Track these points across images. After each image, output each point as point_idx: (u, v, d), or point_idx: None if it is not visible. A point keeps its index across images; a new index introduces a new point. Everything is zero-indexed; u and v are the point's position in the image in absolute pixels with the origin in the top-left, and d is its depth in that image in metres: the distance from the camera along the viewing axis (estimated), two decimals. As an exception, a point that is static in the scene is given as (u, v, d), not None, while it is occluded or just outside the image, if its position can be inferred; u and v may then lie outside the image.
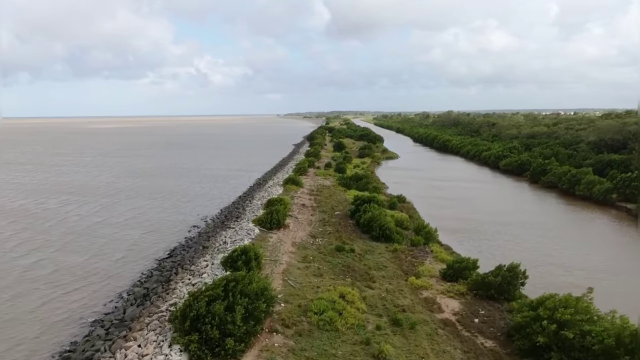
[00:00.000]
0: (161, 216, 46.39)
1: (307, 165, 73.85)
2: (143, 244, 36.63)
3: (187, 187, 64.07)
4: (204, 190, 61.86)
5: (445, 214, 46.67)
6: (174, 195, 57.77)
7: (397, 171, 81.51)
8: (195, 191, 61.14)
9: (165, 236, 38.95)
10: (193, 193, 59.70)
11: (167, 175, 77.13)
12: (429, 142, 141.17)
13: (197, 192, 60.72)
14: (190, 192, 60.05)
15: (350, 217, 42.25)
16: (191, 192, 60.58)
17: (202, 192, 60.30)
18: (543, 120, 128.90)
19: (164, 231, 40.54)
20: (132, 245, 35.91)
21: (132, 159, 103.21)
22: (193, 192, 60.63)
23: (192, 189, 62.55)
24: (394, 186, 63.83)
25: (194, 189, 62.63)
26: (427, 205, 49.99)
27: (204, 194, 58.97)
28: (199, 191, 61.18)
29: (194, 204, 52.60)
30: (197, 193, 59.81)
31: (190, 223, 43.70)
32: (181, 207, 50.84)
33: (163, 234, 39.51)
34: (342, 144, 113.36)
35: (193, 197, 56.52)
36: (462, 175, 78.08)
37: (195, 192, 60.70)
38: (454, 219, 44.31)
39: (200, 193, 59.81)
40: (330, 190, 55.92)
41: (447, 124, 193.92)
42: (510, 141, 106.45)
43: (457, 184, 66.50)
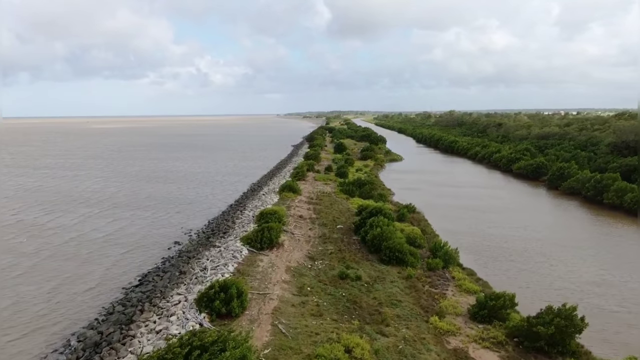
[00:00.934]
0: (144, 230, 41.10)
1: (305, 169, 68.53)
2: (117, 267, 31.35)
3: (176, 194, 58.77)
4: (194, 198, 56.59)
5: (461, 227, 41.36)
6: (162, 204, 52.49)
7: (402, 175, 76.21)
8: (185, 199, 55.86)
9: (142, 256, 33.66)
10: (182, 201, 54.42)
11: (158, 180, 71.83)
12: (433, 143, 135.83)
13: (186, 199, 55.44)
14: (179, 200, 54.78)
15: (354, 231, 37.01)
16: (180, 199, 55.30)
17: (191, 200, 55.02)
18: (553, 121, 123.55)
19: (142, 249, 35.24)
20: (105, 271, 30.61)
21: (125, 162, 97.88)
22: (182, 199, 55.36)
23: (181, 197, 57.26)
24: (400, 192, 58.54)
25: (183, 196, 57.34)
26: (440, 217, 44.68)
27: (192, 202, 53.69)
28: (188, 199, 55.89)
29: (181, 214, 47.30)
30: (185, 201, 54.53)
31: (173, 238, 38.42)
32: (167, 219, 45.56)
33: (141, 253, 34.21)
34: (343, 146, 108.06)
35: (181, 206, 51.21)
36: (474, 180, 72.77)
37: (184, 199, 55.42)
38: (472, 234, 38.99)
39: (189, 201, 54.53)
40: (331, 198, 50.62)
41: (450, 124, 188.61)
42: (521, 142, 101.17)
43: (469, 191, 61.17)
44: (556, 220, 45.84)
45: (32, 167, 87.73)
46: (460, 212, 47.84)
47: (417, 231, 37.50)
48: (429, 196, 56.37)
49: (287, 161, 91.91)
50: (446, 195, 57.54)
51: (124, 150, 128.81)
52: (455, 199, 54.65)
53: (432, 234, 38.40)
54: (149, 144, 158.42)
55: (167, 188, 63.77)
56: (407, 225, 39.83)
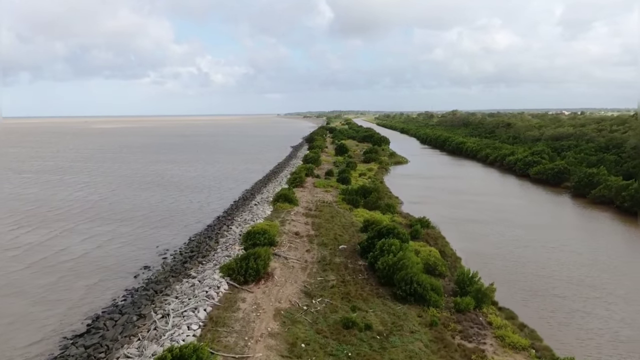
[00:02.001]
0: (118, 250, 35.02)
1: (304, 174, 62.39)
2: (70, 305, 25.28)
3: (165, 203, 52.57)
4: (180, 208, 50.50)
5: (485, 247, 35.23)
6: (146, 216, 46.35)
7: (410, 180, 70.09)
8: (173, 209, 49.70)
9: (104, 287, 27.62)
10: (169, 212, 48.26)
11: (149, 186, 65.67)
12: (439, 144, 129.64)
13: (174, 210, 49.29)
14: (166, 211, 48.61)
15: (360, 254, 30.93)
16: (168, 210, 49.13)
17: (177, 211, 48.94)
18: (567, 121, 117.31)
19: (108, 278, 29.14)
20: (54, 312, 24.54)
21: (117, 165, 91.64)
22: (170, 210, 49.20)
23: (170, 206, 51.10)
24: (409, 201, 52.48)
25: (172, 206, 51.17)
26: (458, 233, 38.59)
27: (177, 213, 47.61)
28: (176, 209, 49.74)
29: (165, 230, 41.13)
30: (173, 211, 48.38)
31: (146, 261, 32.38)
32: (147, 235, 39.44)
33: (103, 285, 28.10)
34: (344, 147, 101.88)
35: (167, 219, 45.02)
36: (488, 186, 66.64)
37: (172, 210, 49.28)
38: (500, 256, 32.86)
39: (177, 211, 48.40)
40: (332, 210, 44.52)
41: (455, 124, 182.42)
42: (534, 144, 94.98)
43: (486, 199, 55.02)
44: (595, 238, 39.51)
45: (16, 171, 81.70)
46: (480, 226, 41.68)
47: (436, 253, 31.40)
48: (442, 206, 50.25)
49: (285, 164, 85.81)
50: (461, 205, 51.39)
51: (119, 152, 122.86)
52: (473, 211, 48.48)
53: (453, 256, 32.28)
54: (146, 144, 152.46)
55: (157, 196, 57.64)
56: (422, 245, 33.74)
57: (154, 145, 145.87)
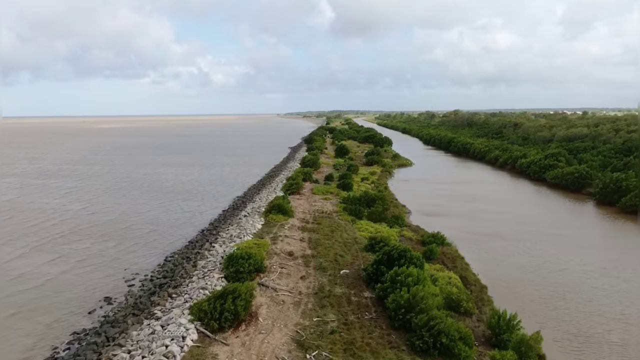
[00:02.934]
0: (82, 278, 29.61)
1: (301, 179, 57.07)
2: None
3: (149, 214, 46.96)
4: (166, 218, 45.09)
5: (514, 272, 29.89)
6: (129, 229, 40.89)
7: (416, 185, 64.75)
8: (155, 220, 44.20)
9: (49, 332, 22.26)
10: (150, 224, 42.69)
11: (140, 191, 60.23)
12: (443, 145, 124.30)
13: (155, 221, 43.78)
14: (147, 223, 43.03)
15: (366, 281, 25.65)
16: (149, 222, 43.54)
17: (162, 222, 43.52)
18: (581, 121, 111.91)
19: (60, 318, 23.78)
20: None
21: (107, 167, 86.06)
22: (151, 222, 43.63)
23: (153, 217, 45.55)
24: (418, 210, 47.19)
25: (155, 217, 45.65)
26: (478, 251, 33.31)
27: (162, 225, 42.24)
28: (158, 220, 44.32)
29: (139, 248, 35.67)
30: (154, 223, 42.91)
31: (108, 290, 27.13)
32: (120, 255, 34.05)
33: (50, 329, 22.72)
34: (345, 148, 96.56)
35: (146, 234, 39.45)
36: (503, 192, 61.31)
37: (154, 221, 43.77)
38: (534, 285, 27.52)
39: (158, 223, 42.96)
40: (332, 222, 39.20)
41: (458, 124, 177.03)
42: (546, 145, 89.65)
43: (502, 207, 49.67)
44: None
45: (2, 175, 76.41)
46: (503, 243, 36.28)
47: (457, 281, 26.12)
48: (455, 217, 44.94)
49: (282, 167, 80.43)
50: (477, 215, 46.04)
51: (112, 153, 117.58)
52: (490, 222, 43.11)
53: (477, 284, 26.96)
54: (142, 145, 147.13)
55: (145, 203, 52.23)
56: (439, 268, 28.47)
57: (150, 146, 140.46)
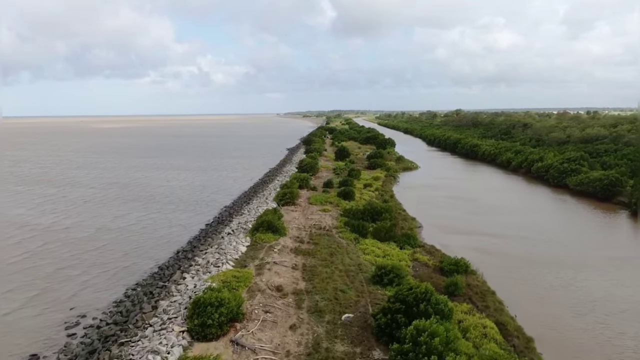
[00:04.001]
0: (19, 324, 23.62)
1: (297, 186, 50.95)
2: None
3: (125, 231, 40.03)
4: (143, 237, 38.63)
5: (564, 315, 23.71)
6: (95, 251, 34.51)
7: (424, 192, 58.61)
8: (130, 240, 37.39)
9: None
10: (123, 245, 36.07)
11: (125, 200, 53.82)
12: (449, 146, 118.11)
13: (130, 241, 36.99)
14: (120, 244, 36.16)
15: (375, 333, 19.57)
16: (123, 242, 36.70)
17: (137, 242, 37.01)
18: (594, 121, 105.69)
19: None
20: None
21: (95, 171, 79.44)
22: (125, 242, 36.87)
23: (128, 235, 38.74)
24: (430, 223, 41.10)
25: (131, 235, 38.85)
26: (512, 283, 27.22)
27: (136, 246, 35.94)
28: (134, 239, 37.62)
29: (100, 280, 29.39)
30: (128, 244, 36.25)
31: (42, 342, 21.14)
32: (76, 290, 27.88)
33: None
34: (345, 150, 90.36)
35: (115, 259, 32.97)
36: (522, 201, 55.14)
37: (129, 241, 37.00)
38: (593, 333, 21.40)
39: (132, 244, 36.41)
40: (331, 241, 33.09)
41: (463, 124, 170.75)
42: (562, 147, 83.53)
43: (526, 220, 43.54)
44: None
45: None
46: (539, 271, 30.02)
47: (494, 332, 20.04)
48: (474, 233, 38.78)
49: (277, 171, 74.27)
50: (500, 230, 39.86)
51: (106, 154, 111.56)
52: (518, 241, 36.87)
53: (520, 335, 20.80)
54: (138, 146, 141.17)
55: (130, 215, 45.92)
56: (467, 309, 22.43)
57: (145, 147, 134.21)
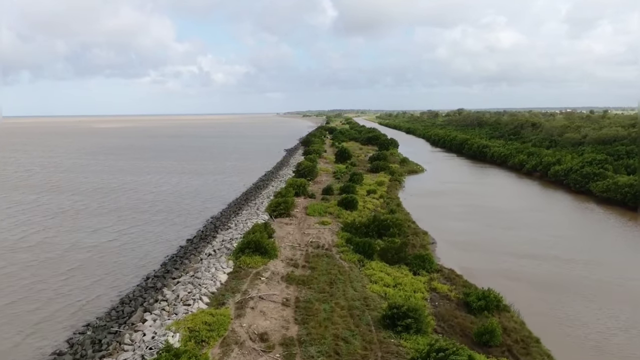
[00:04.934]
0: None
1: (293, 194, 45.56)
2: None
3: (99, 250, 33.98)
4: (117, 258, 33.02)
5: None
6: (63, 276, 29.11)
7: (434, 199, 53.23)
8: (102, 262, 31.48)
9: None
10: (93, 269, 30.35)
11: (105, 210, 47.88)
12: (454, 146, 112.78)
13: (101, 264, 31.13)
14: (90, 268, 30.23)
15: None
16: (94, 266, 30.63)
17: (109, 265, 31.37)
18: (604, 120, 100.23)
19: None
20: None
21: (81, 175, 73.44)
22: (97, 265, 30.88)
23: (102, 256, 32.88)
24: (445, 239, 35.74)
25: (105, 255, 33.05)
26: (559, 324, 21.81)
27: (106, 270, 30.39)
28: (107, 261, 31.97)
29: (45, 327, 24.01)
30: (99, 268, 30.46)
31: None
32: (16, 339, 22.59)
33: None
34: (346, 152, 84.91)
35: (78, 290, 27.16)
36: (544, 211, 49.75)
37: (100, 264, 31.10)
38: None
39: (103, 267, 30.83)
40: (331, 264, 27.71)
41: (467, 123, 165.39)
42: (577, 149, 78.16)
43: (555, 235, 38.15)
44: None
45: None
46: (590, 307, 24.50)
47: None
48: (497, 253, 33.38)
49: (273, 175, 68.87)
50: (524, 247, 34.46)
51: (98, 156, 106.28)
52: (549, 262, 31.47)
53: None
54: (133, 147, 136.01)
55: (110, 228, 40.19)
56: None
57: (140, 149, 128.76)
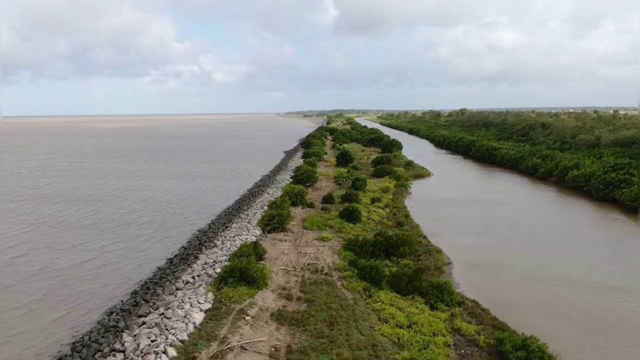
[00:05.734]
0: None
1: (289, 205, 40.95)
2: None
3: (69, 273, 29.87)
4: (87, 283, 28.61)
5: None
6: (13, 312, 24.75)
7: (443, 208, 48.55)
8: (70, 288, 27.52)
9: None
10: (59, 297, 26.25)
11: (79, 222, 42.34)
12: (460, 148, 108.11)
13: (70, 291, 27.26)
14: (54, 297, 26.22)
15: None
16: (60, 292, 26.81)
17: (78, 291, 27.25)
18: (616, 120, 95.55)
19: None
20: None
21: (68, 181, 68.88)
22: (63, 292, 27.10)
23: (72, 280, 28.65)
24: (462, 259, 31.12)
25: (74, 280, 28.71)
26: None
27: (76, 298, 26.10)
28: (75, 287, 27.66)
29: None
30: (68, 295, 26.54)
31: None
32: None
33: None
34: (348, 155, 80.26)
35: (38, 328, 23.27)
36: (569, 223, 45.19)
37: (69, 290, 27.26)
38: None
39: (73, 295, 26.75)
40: (331, 295, 23.14)
41: (472, 124, 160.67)
42: (595, 151, 73.48)
43: (592, 254, 33.48)
44: None
45: None
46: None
47: None
48: (527, 280, 28.70)
49: (269, 181, 64.23)
50: (559, 273, 29.80)
51: (89, 159, 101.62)
52: (595, 292, 26.82)
53: None
54: (128, 148, 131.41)
55: (88, 245, 35.21)
56: None
57: (136, 150, 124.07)
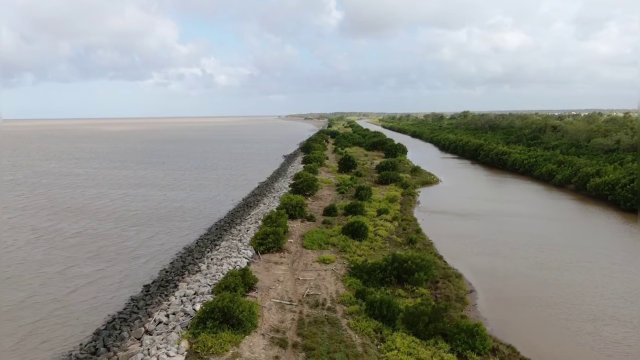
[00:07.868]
0: None
1: (287, 218, 36.58)
2: None
3: (34, 307, 26.53)
4: (46, 326, 24.78)
5: None
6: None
7: (457, 222, 44.12)
8: (28, 329, 23.84)
9: None
10: (12, 340, 22.30)
11: (56, 240, 38.25)
12: (467, 152, 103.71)
13: (28, 333, 23.37)
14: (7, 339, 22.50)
15: None
16: (17, 335, 23.07)
17: (35, 334, 23.26)
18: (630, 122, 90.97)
19: None
20: None
21: (55, 187, 64.82)
22: (19, 334, 23.25)
23: (35, 315, 25.34)
24: (484, 287, 26.69)
25: (35, 318, 25.30)
26: None
27: (34, 336, 22.21)
28: (33, 324, 24.14)
29: None
30: (29, 337, 22.69)
31: None
32: None
33: None
34: (351, 160, 75.69)
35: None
36: (600, 241, 40.76)
37: (24, 329, 23.58)
38: None
39: (31, 336, 22.73)
40: (335, 341, 18.83)
41: (479, 126, 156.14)
42: (611, 155, 69.04)
43: (628, 277, 29.06)
44: None
45: None
46: None
47: None
48: (565, 316, 24.31)
49: (266, 189, 59.79)
50: (602, 307, 25.40)
51: (82, 164, 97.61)
52: None
53: None
54: (124, 152, 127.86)
55: (68, 268, 30.86)
56: None
57: (132, 155, 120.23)
